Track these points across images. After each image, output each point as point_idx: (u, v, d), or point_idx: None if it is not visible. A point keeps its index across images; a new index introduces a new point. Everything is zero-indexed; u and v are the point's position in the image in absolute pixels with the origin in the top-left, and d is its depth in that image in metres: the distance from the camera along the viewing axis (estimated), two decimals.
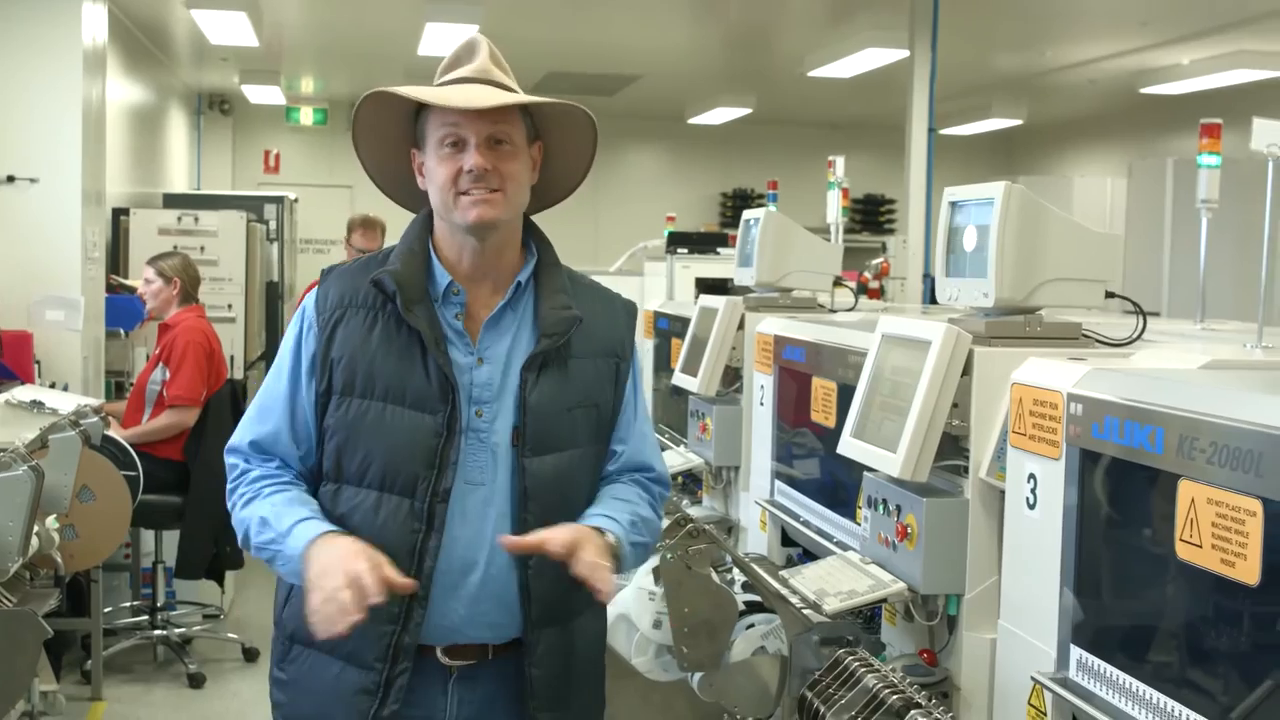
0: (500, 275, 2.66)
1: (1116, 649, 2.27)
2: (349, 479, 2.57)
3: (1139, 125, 15.33)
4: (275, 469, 2.62)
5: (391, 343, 2.56)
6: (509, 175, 2.56)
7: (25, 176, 7.29)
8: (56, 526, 5.09)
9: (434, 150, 2.57)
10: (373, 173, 2.75)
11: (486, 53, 2.65)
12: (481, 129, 2.53)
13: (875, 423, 2.96)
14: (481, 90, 2.56)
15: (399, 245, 2.68)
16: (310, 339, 2.63)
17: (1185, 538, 1.99)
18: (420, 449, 2.52)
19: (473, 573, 2.53)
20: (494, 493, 2.56)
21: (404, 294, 2.55)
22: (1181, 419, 2.01)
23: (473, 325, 2.61)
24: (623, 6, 10.69)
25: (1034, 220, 2.81)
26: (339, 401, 2.58)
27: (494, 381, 2.58)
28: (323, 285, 2.68)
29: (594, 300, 2.76)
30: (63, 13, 7.37)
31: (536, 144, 2.68)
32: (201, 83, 15.30)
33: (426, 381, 2.53)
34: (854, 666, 2.24)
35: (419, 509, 2.51)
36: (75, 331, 7.38)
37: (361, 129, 2.68)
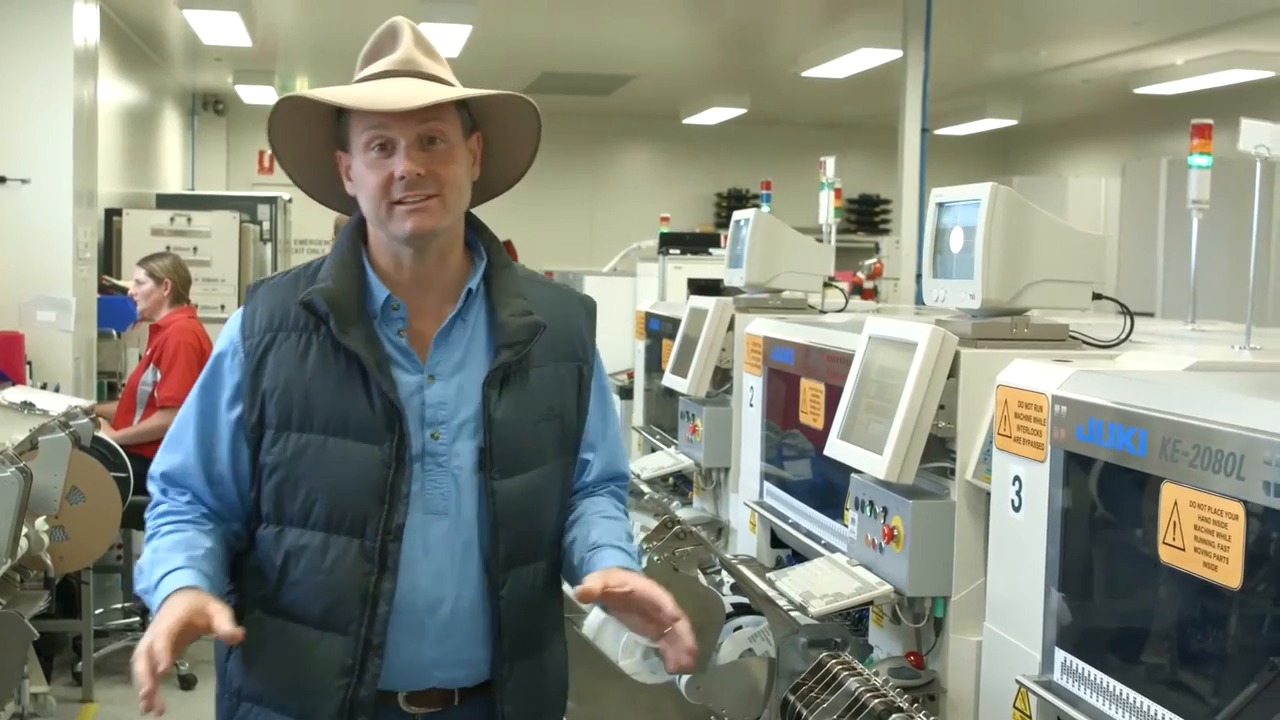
0: (446, 283, 2.42)
1: (1101, 652, 2.26)
2: (292, 520, 2.34)
3: (1133, 125, 15.35)
4: (185, 503, 2.39)
5: (329, 368, 2.32)
6: (446, 178, 2.32)
7: (16, 177, 7.29)
8: (46, 528, 5.08)
9: (360, 154, 2.32)
10: (298, 179, 2.51)
11: (410, 38, 2.38)
12: (411, 129, 2.28)
13: (862, 424, 2.95)
14: (407, 86, 2.31)
15: (330, 256, 2.44)
16: (235, 366, 2.38)
17: (1168, 541, 1.98)
18: (368, 483, 2.29)
19: (439, 609, 2.32)
20: (459, 522, 2.34)
21: (337, 315, 2.31)
22: (1164, 421, 2.01)
23: (420, 340, 2.38)
24: (617, 6, 10.69)
25: (1020, 221, 2.80)
26: (275, 437, 2.34)
27: (449, 400, 2.35)
28: (249, 304, 2.43)
29: (551, 301, 2.51)
30: (54, 13, 7.38)
31: (475, 135, 2.42)
32: (195, 83, 15.30)
33: (369, 408, 2.30)
34: (836, 670, 2.24)
35: (370, 549, 2.29)
36: (67, 332, 7.38)
37: (279, 136, 2.42)
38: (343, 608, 2.28)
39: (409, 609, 2.30)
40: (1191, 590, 2.01)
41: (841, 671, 2.25)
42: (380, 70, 2.36)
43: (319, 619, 2.31)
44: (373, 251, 2.41)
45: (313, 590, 2.32)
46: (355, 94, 2.32)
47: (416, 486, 2.31)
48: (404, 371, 2.35)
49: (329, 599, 2.30)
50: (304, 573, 2.32)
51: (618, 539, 2.44)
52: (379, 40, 2.41)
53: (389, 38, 2.40)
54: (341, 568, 2.29)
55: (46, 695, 5.48)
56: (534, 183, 10.23)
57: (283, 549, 2.34)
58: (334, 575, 2.30)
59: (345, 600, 2.28)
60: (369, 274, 2.39)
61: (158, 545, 2.33)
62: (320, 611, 2.31)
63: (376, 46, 2.41)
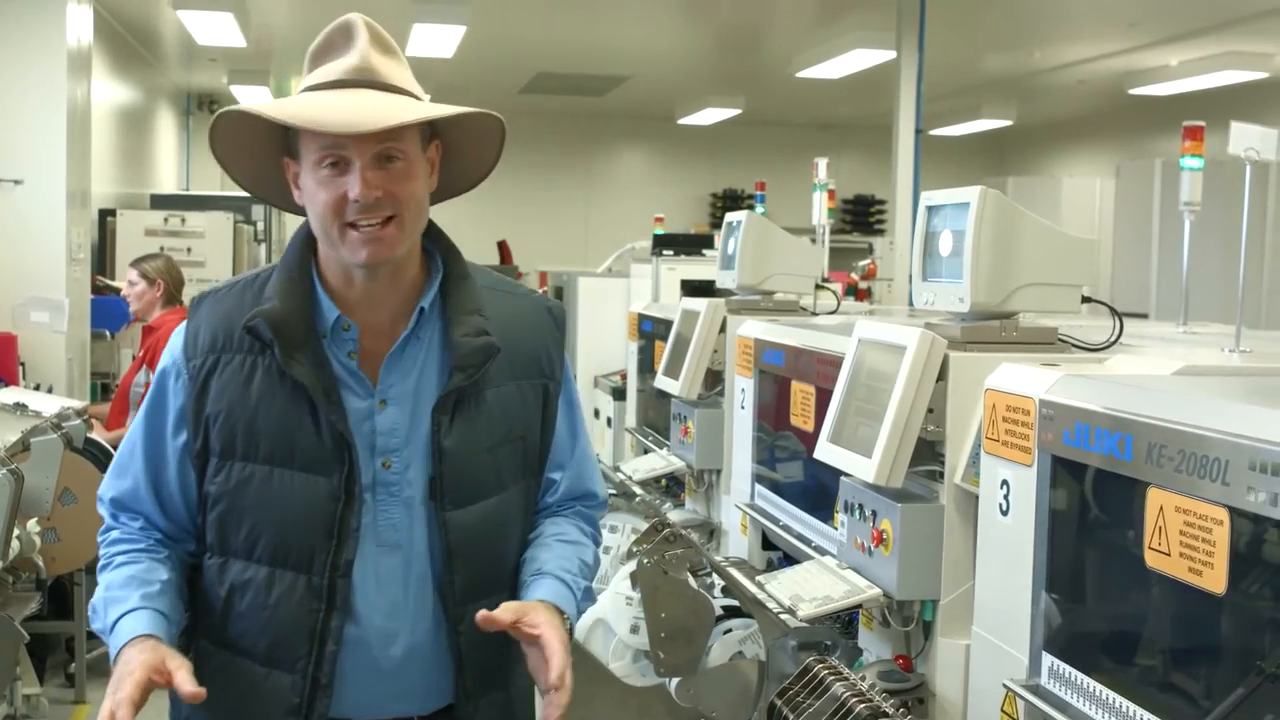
0: (399, 300, 2.28)
1: (1088, 657, 2.26)
2: (236, 552, 2.23)
3: (1128, 126, 15.37)
4: (138, 529, 2.29)
5: (274, 395, 2.19)
6: (405, 199, 2.17)
7: (9, 178, 7.30)
8: (38, 530, 5.09)
9: (310, 170, 2.17)
10: (245, 184, 2.37)
11: (366, 38, 2.20)
12: (367, 149, 2.12)
13: (851, 427, 2.95)
14: (364, 101, 2.14)
15: (278, 271, 2.28)
16: (179, 388, 2.26)
17: (1154, 546, 1.98)
18: (315, 518, 2.17)
19: (393, 645, 2.22)
20: (412, 554, 2.23)
21: (283, 341, 2.17)
22: (1150, 426, 2.00)
23: (371, 362, 2.24)
24: (612, 7, 10.70)
25: (1010, 224, 2.79)
26: (218, 465, 2.22)
27: (401, 426, 2.22)
28: (192, 320, 2.30)
29: (514, 313, 2.37)
30: (47, 13, 7.39)
31: (434, 144, 2.27)
32: (190, 83, 15.30)
33: (317, 438, 2.17)
34: (823, 674, 2.24)
35: (318, 585, 2.17)
36: (60, 333, 7.38)
37: (223, 145, 2.27)
38: (288, 645, 2.18)
39: (360, 645, 2.20)
40: (1178, 595, 2.01)
41: (828, 676, 2.25)
42: (334, 79, 2.18)
43: (264, 655, 2.22)
44: (322, 266, 2.27)
45: (258, 626, 2.21)
46: (307, 112, 2.14)
47: (367, 518, 2.20)
48: (354, 396, 2.22)
49: (274, 636, 2.20)
50: (249, 607, 2.21)
51: (563, 568, 2.32)
52: (330, 37, 2.23)
53: (343, 37, 2.22)
54: (287, 605, 2.19)
55: (39, 697, 5.48)
56: (529, 183, 10.37)
57: (227, 581, 2.23)
58: (279, 612, 2.19)
59: (291, 638, 2.18)
60: (318, 291, 2.26)
61: (110, 580, 2.22)
62: (265, 647, 2.21)
63: (328, 44, 2.23)
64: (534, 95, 14.95)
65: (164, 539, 2.29)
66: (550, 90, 14.72)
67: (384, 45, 2.24)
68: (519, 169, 16.31)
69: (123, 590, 2.18)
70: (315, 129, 2.12)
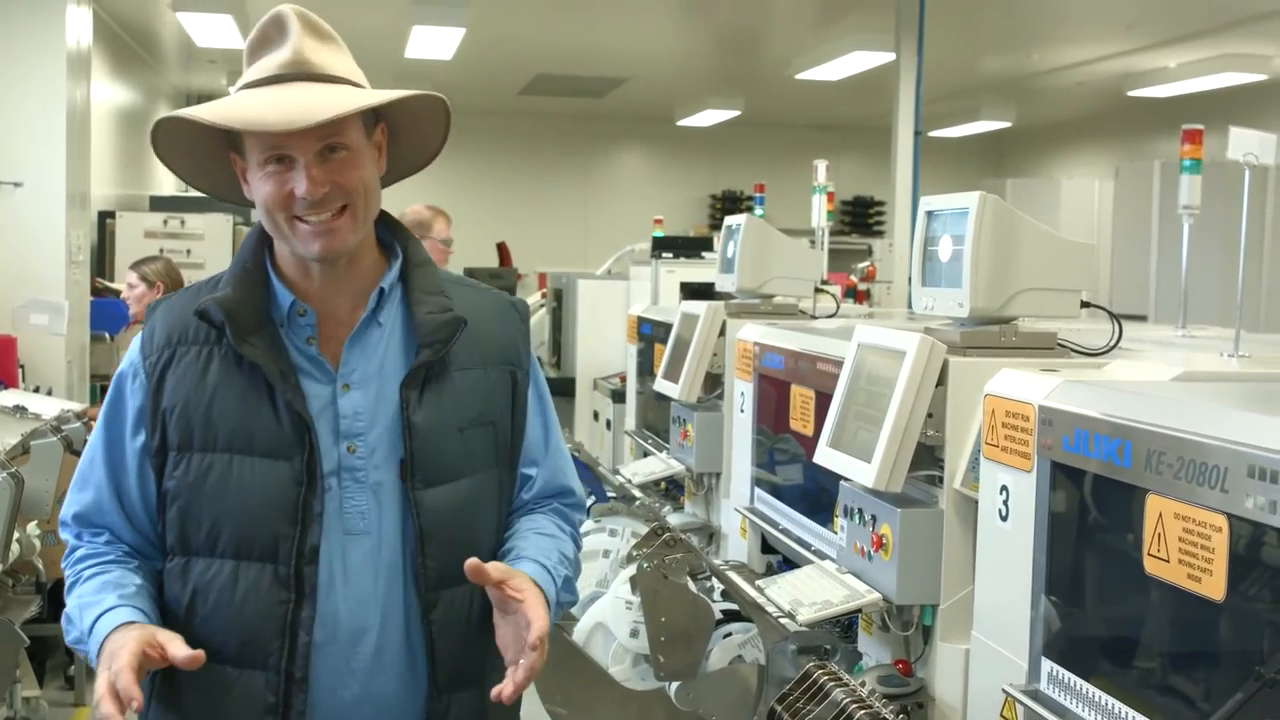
0: (358, 286, 2.24)
1: (1087, 662, 2.27)
2: (198, 550, 2.16)
3: (1126, 128, 15.38)
4: (104, 544, 2.21)
5: (231, 382, 2.15)
6: (353, 188, 2.13)
7: (9, 180, 7.29)
8: (38, 532, 5.09)
9: (255, 167, 2.13)
10: (197, 184, 2.33)
11: (298, 29, 2.15)
12: (310, 145, 2.08)
13: (851, 432, 2.96)
14: (302, 95, 2.10)
15: (232, 265, 2.25)
16: (137, 389, 2.21)
17: (1153, 552, 1.99)
18: (277, 504, 2.11)
19: (363, 640, 2.15)
20: (382, 540, 2.16)
21: (234, 323, 2.13)
22: (1150, 433, 2.01)
23: (331, 347, 2.20)
24: (611, 9, 10.70)
25: (1009, 230, 2.80)
26: (176, 459, 2.16)
27: (365, 409, 2.17)
28: (148, 325, 2.25)
29: (478, 304, 2.33)
30: (46, 16, 7.38)
31: (379, 127, 2.22)
32: (189, 84, 15.30)
33: (276, 422, 2.12)
34: (822, 680, 2.24)
35: (284, 575, 2.11)
36: (59, 335, 7.37)
37: (168, 149, 2.24)
38: (260, 641, 2.11)
39: (331, 640, 2.13)
40: (1177, 601, 2.02)
41: (828, 682, 2.25)
42: (269, 74, 2.14)
43: (235, 655, 2.13)
44: (278, 259, 2.23)
45: (225, 625, 2.13)
46: (244, 112, 2.09)
47: (333, 505, 2.14)
48: (315, 382, 2.17)
49: (244, 633, 2.12)
50: (214, 607, 2.14)
51: (543, 555, 2.26)
52: (264, 31, 2.18)
53: (276, 29, 2.16)
54: (255, 598, 2.12)
55: (39, 699, 5.47)
56: (528, 185, 10.36)
57: (190, 583, 2.16)
58: (247, 607, 2.12)
59: (262, 633, 2.11)
60: (273, 280, 2.22)
61: (82, 591, 2.15)
62: (236, 647, 2.13)
63: (262, 38, 2.18)
64: (533, 97, 14.95)
65: (132, 551, 2.22)
66: (549, 92, 14.72)
67: (318, 33, 2.19)
68: (518, 170, 16.34)
69: (97, 595, 2.12)
70: (252, 129, 2.08)
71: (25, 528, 4.95)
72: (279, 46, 2.15)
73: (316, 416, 2.14)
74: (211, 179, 2.29)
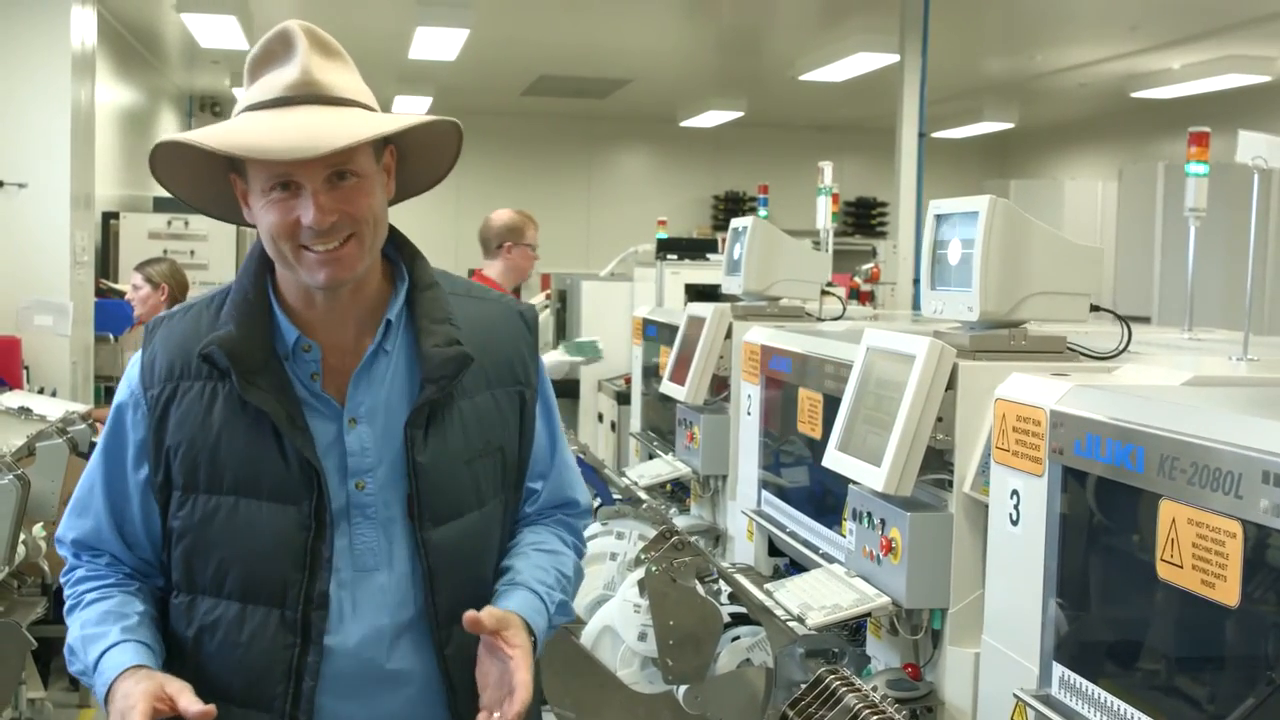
0: (363, 314, 2.16)
1: (1099, 666, 2.27)
2: (204, 589, 2.12)
3: (1130, 129, 15.37)
4: (105, 565, 2.17)
5: (236, 423, 2.08)
6: (362, 217, 2.05)
7: (14, 181, 7.28)
8: (44, 534, 5.09)
9: (259, 194, 2.04)
10: (196, 204, 2.23)
11: (305, 46, 2.05)
12: (318, 171, 1.99)
13: (860, 436, 2.96)
14: (310, 119, 2.01)
15: (233, 293, 2.16)
16: (138, 420, 2.14)
17: (1166, 558, 1.99)
18: (285, 548, 2.07)
19: (376, 676, 2.11)
20: (392, 578, 2.12)
21: (240, 366, 2.06)
22: (1163, 439, 2.01)
23: (336, 381, 2.13)
24: (614, 10, 10.70)
25: (1019, 234, 2.80)
26: (182, 499, 2.11)
27: (372, 445, 2.11)
28: (148, 349, 2.17)
29: (485, 320, 2.25)
30: (51, 16, 7.37)
31: (388, 149, 2.14)
32: (193, 85, 15.30)
33: (283, 466, 2.07)
34: (835, 685, 2.24)
35: (291, 619, 2.07)
36: (64, 336, 7.37)
37: (164, 170, 2.12)
38: (265, 683, 2.08)
39: (338, 677, 2.09)
40: (1189, 606, 2.02)
41: (840, 687, 2.25)
42: (274, 97, 2.04)
43: (239, 695, 2.09)
44: (280, 286, 2.15)
45: (230, 665, 2.10)
46: (249, 138, 2.00)
47: (343, 543, 2.09)
48: (321, 418, 2.10)
49: (249, 674, 2.09)
50: (219, 647, 2.10)
51: (538, 579, 2.22)
52: (269, 46, 2.08)
53: (282, 45, 2.07)
54: (260, 641, 2.08)
55: (44, 701, 5.47)
56: (530, 185, 10.34)
57: (195, 621, 2.12)
58: (253, 650, 2.08)
59: (267, 675, 2.08)
60: (276, 313, 2.14)
61: (84, 618, 2.11)
62: (241, 688, 2.09)
63: (266, 54, 2.08)
64: (536, 97, 14.95)
65: (132, 573, 2.18)
66: (552, 93, 14.72)
67: (326, 49, 2.10)
68: (520, 171, 16.32)
69: (99, 627, 2.08)
70: (257, 157, 1.99)
71: (31, 529, 4.95)
72: (285, 64, 2.06)
73: (324, 454, 2.09)
74: (211, 199, 2.20)
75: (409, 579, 2.12)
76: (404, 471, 2.11)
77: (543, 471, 2.33)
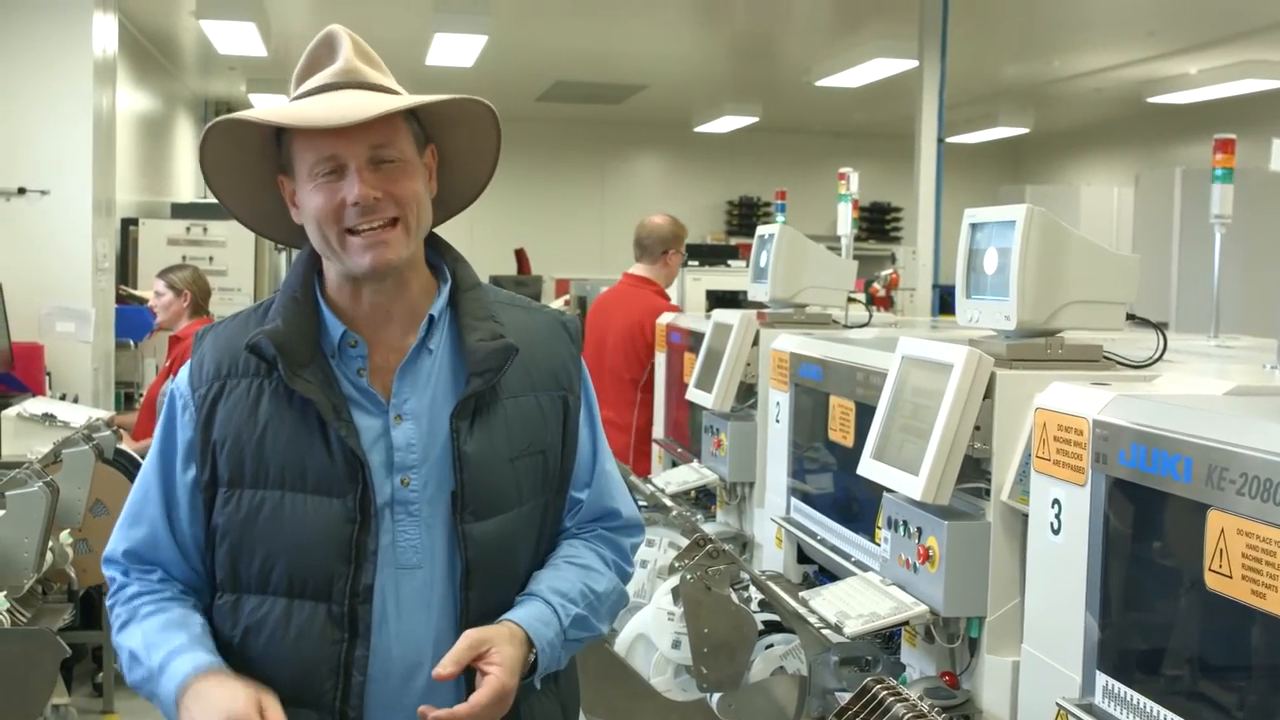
0: (407, 312, 2.20)
1: (1143, 676, 2.27)
2: (249, 586, 2.12)
3: (1146, 134, 15.36)
4: (156, 581, 2.17)
5: (282, 416, 2.10)
6: (405, 199, 2.10)
7: (36, 188, 7.31)
8: (70, 541, 5.11)
9: (306, 180, 2.10)
10: (237, 211, 2.28)
11: (349, 47, 2.15)
12: (360, 149, 2.07)
13: (896, 444, 2.96)
14: (350, 99, 2.09)
15: (280, 293, 2.21)
16: (186, 422, 2.17)
17: (1214, 568, 1.99)
18: (330, 542, 2.08)
19: (417, 676, 2.11)
20: (434, 576, 2.13)
21: (287, 357, 2.09)
22: (1211, 449, 2.01)
23: (382, 378, 2.16)
24: (630, 16, 10.72)
25: (1055, 243, 2.80)
26: (227, 495, 2.12)
27: (418, 441, 2.13)
28: (197, 353, 2.21)
29: (528, 326, 2.28)
30: (73, 24, 7.40)
31: (429, 149, 2.21)
32: (209, 91, 15.37)
33: (329, 458, 2.09)
34: (882, 695, 2.24)
35: (338, 614, 2.08)
36: (86, 343, 7.39)
37: (213, 165, 2.19)
38: (314, 680, 2.08)
39: (384, 677, 2.10)
40: (1236, 616, 2.01)
41: (887, 696, 2.25)
42: (319, 85, 2.13)
43: (289, 694, 2.07)
44: (327, 285, 2.20)
45: (278, 663, 2.10)
46: (293, 111, 2.09)
47: (386, 540, 2.10)
48: (366, 414, 2.13)
49: (297, 672, 2.09)
50: (267, 645, 2.11)
51: (557, 589, 2.21)
52: (314, 53, 2.18)
53: (325, 49, 2.17)
54: (308, 637, 2.09)
55: (68, 706, 5.48)
56: (545, 191, 10.45)
57: (241, 621, 2.12)
58: (301, 646, 2.09)
59: (316, 672, 2.08)
60: (323, 309, 2.18)
61: (144, 628, 2.11)
62: (289, 686, 2.08)
63: (312, 60, 2.18)
64: (551, 103, 14.98)
65: (185, 590, 2.19)
66: (568, 99, 14.75)
67: (367, 55, 2.19)
68: (536, 176, 16.35)
69: (162, 634, 2.10)
70: (303, 124, 2.06)
71: (58, 536, 4.97)
72: (330, 63, 2.15)
73: (369, 449, 2.11)
74: (253, 204, 2.26)
75: (448, 574, 2.13)
76: (449, 466, 2.13)
77: (586, 481, 2.34)
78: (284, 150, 2.14)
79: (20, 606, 4.47)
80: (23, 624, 4.38)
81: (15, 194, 7.27)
